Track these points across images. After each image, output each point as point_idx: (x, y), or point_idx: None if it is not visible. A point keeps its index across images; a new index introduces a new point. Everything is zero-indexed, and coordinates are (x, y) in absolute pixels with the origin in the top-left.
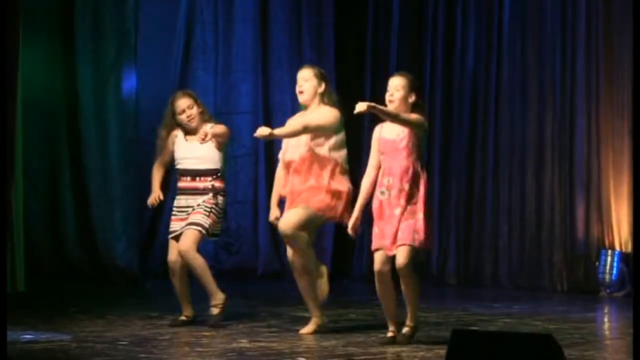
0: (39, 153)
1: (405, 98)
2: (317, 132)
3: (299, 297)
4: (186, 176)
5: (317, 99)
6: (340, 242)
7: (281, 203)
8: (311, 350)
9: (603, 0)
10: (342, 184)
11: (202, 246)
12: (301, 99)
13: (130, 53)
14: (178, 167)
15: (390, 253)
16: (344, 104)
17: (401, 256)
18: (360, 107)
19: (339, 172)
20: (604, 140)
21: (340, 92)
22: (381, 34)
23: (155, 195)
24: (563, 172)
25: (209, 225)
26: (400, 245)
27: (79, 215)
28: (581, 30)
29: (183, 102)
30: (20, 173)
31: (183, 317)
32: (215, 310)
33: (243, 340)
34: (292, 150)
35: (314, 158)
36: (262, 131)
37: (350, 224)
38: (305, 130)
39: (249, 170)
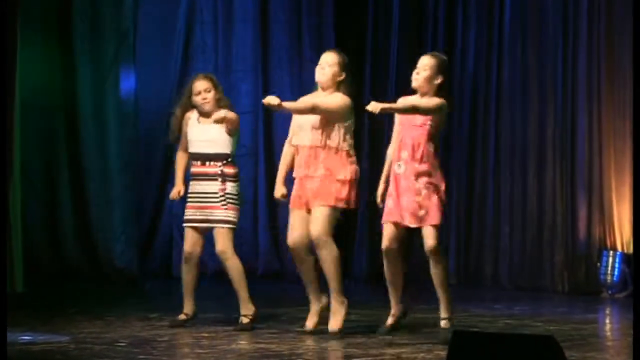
0: (38, 153)
1: (430, 78)
2: (325, 114)
3: (299, 298)
4: (197, 160)
5: (334, 86)
6: (340, 243)
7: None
8: (311, 351)
9: None
10: (351, 172)
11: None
12: (320, 79)
13: (129, 53)
14: (190, 150)
15: (408, 225)
16: None
17: (430, 237)
18: (373, 107)
19: (348, 159)
20: (605, 140)
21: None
22: (381, 34)
23: (178, 189)
24: (564, 172)
25: (234, 217)
26: (429, 225)
27: (78, 215)
28: (583, 30)
29: (201, 84)
30: (18, 173)
31: (182, 316)
32: (245, 320)
33: (242, 342)
34: (302, 135)
35: (324, 146)
36: (272, 100)
37: (378, 194)
38: (314, 110)
39: (248, 170)
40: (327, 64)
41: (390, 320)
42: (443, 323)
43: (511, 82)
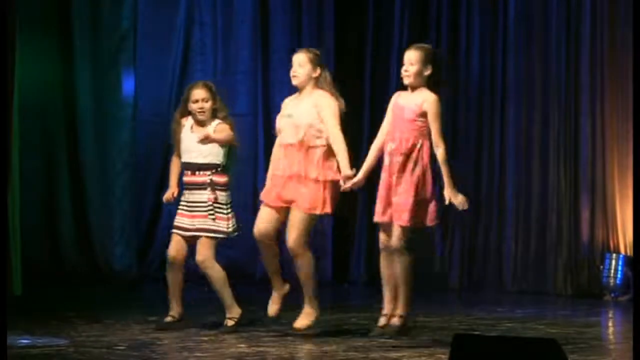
0: (36, 154)
1: (420, 72)
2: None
3: (299, 302)
4: (188, 170)
5: (311, 83)
6: (340, 246)
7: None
8: (311, 354)
9: (608, 1)
10: (331, 173)
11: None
12: (294, 82)
13: (128, 54)
14: (182, 159)
15: (378, 220)
16: (345, 105)
17: (395, 236)
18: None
19: (329, 160)
20: (608, 142)
21: (340, 93)
22: (382, 34)
23: (172, 191)
24: (567, 174)
25: (220, 227)
26: (396, 224)
27: (77, 218)
28: (585, 31)
29: (199, 93)
30: (17, 175)
31: (169, 318)
32: (230, 322)
33: (242, 345)
34: (290, 133)
35: (308, 145)
36: (349, 179)
37: (350, 182)
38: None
39: (247, 172)
40: (299, 65)
41: (382, 321)
42: (395, 320)
43: (516, 84)
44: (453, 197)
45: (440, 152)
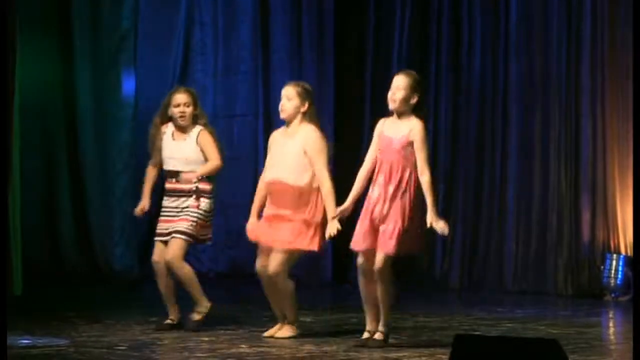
0: (37, 154)
1: (407, 98)
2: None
3: (300, 302)
4: (172, 177)
5: (299, 117)
6: (340, 247)
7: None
8: (312, 355)
9: (608, 2)
10: (319, 214)
11: (202, 249)
12: (282, 115)
13: (129, 54)
14: (164, 167)
15: (358, 248)
16: (345, 105)
17: (379, 262)
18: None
19: (319, 202)
20: (609, 142)
21: (341, 93)
22: (383, 34)
23: (144, 204)
24: (568, 175)
25: (196, 232)
26: (381, 251)
27: (77, 218)
28: (586, 33)
29: (181, 97)
30: (17, 175)
31: (168, 321)
32: (196, 316)
33: (243, 345)
34: (272, 171)
35: (301, 188)
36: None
37: (338, 209)
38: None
39: (247, 173)
40: (287, 99)
41: (365, 335)
42: (377, 335)
43: (517, 85)
44: (435, 222)
45: (425, 180)
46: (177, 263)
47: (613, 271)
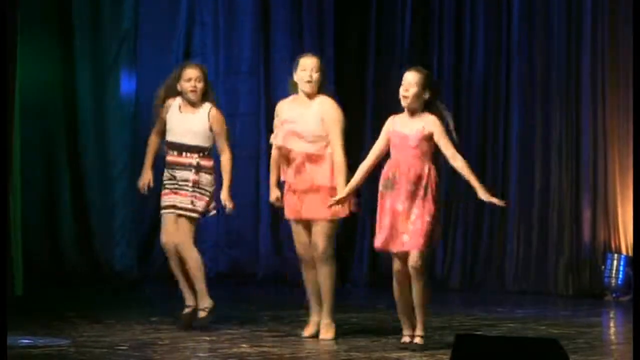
0: (37, 155)
1: (419, 94)
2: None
3: (301, 301)
4: (174, 150)
5: (316, 89)
6: (341, 247)
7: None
8: (313, 355)
9: (608, 2)
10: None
11: (202, 249)
12: (309, 88)
13: (129, 54)
14: (167, 138)
15: (395, 250)
16: (345, 105)
17: (413, 259)
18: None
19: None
20: (610, 142)
21: (341, 92)
22: (384, 34)
23: (147, 177)
24: (569, 175)
25: (200, 207)
26: (413, 250)
27: (77, 218)
28: (587, 33)
29: (193, 72)
30: (18, 175)
31: (187, 310)
32: (202, 314)
33: (244, 345)
34: (290, 140)
35: (317, 155)
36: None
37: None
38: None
39: (250, 171)
40: (315, 70)
41: (407, 339)
42: (418, 339)
43: (518, 85)
44: (489, 198)
45: (460, 164)
46: (187, 245)
47: (614, 271)
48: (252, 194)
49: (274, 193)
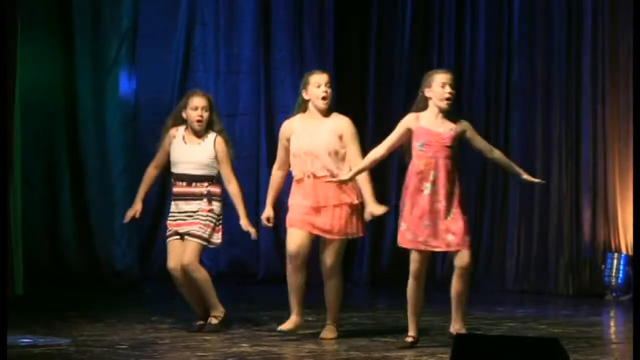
0: (37, 154)
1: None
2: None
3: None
4: (182, 181)
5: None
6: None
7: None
8: (313, 354)
9: (609, 2)
10: (358, 197)
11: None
12: (325, 104)
13: (129, 54)
14: (173, 170)
15: (439, 249)
16: (346, 105)
17: (466, 259)
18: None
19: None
20: (610, 142)
21: (342, 93)
22: (384, 34)
23: (135, 209)
24: (569, 174)
25: (208, 235)
26: (463, 249)
27: (78, 218)
28: (587, 34)
29: (200, 101)
30: (18, 175)
31: (201, 322)
32: (214, 320)
33: (244, 345)
34: (307, 160)
35: (336, 173)
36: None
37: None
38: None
39: (250, 172)
40: (329, 86)
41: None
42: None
43: (519, 85)
44: (532, 179)
45: (499, 153)
46: (194, 267)
47: (614, 270)
48: (252, 194)
49: (268, 212)
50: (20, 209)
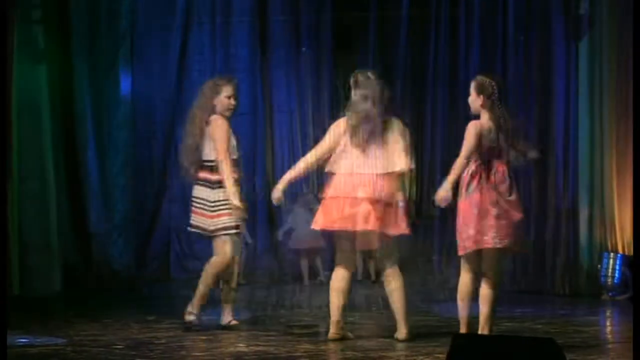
0: (34, 154)
1: (474, 100)
2: None
3: (298, 301)
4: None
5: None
6: None
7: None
8: (310, 354)
9: (608, 1)
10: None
11: (200, 250)
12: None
13: (127, 53)
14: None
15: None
16: (344, 105)
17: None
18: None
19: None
20: (607, 142)
21: (340, 93)
22: (382, 33)
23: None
24: (566, 174)
25: (232, 222)
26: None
27: (75, 218)
28: (586, 32)
29: (232, 89)
30: (16, 174)
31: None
32: (235, 322)
33: (241, 345)
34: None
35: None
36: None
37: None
38: None
39: (247, 171)
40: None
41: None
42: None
43: (516, 84)
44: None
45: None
46: (221, 258)
47: (610, 270)
48: (249, 194)
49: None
50: (18, 208)
